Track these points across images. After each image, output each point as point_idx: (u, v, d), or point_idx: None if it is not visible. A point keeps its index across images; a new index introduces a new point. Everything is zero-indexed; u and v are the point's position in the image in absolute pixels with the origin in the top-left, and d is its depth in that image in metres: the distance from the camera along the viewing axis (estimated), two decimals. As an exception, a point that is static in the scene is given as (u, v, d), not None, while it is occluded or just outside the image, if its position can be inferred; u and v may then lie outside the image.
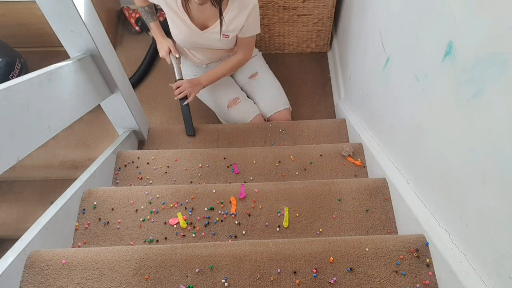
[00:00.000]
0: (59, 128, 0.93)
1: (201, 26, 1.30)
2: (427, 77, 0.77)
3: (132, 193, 1.03)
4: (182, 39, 1.36)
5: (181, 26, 1.30)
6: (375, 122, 1.18)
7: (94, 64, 1.08)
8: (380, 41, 1.06)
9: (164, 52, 1.47)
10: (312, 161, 1.24)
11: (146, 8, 1.42)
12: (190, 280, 0.77)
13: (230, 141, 1.47)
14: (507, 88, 0.52)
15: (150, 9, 1.44)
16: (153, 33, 1.50)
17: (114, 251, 0.81)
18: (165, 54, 1.48)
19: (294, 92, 1.88)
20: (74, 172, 1.74)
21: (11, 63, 1.68)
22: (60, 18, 0.94)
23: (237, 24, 1.28)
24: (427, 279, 0.77)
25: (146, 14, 1.45)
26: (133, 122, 1.35)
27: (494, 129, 0.56)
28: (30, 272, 0.77)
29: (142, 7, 1.42)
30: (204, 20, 1.29)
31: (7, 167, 0.75)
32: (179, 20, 1.28)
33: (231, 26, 1.28)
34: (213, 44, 1.38)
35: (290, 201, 1.01)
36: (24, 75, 0.82)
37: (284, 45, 2.00)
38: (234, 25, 1.29)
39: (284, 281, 0.77)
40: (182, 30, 1.31)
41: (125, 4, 2.18)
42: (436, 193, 0.79)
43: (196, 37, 1.33)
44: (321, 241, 0.83)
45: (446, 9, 0.67)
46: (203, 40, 1.34)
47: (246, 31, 1.33)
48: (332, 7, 1.76)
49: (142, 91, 1.96)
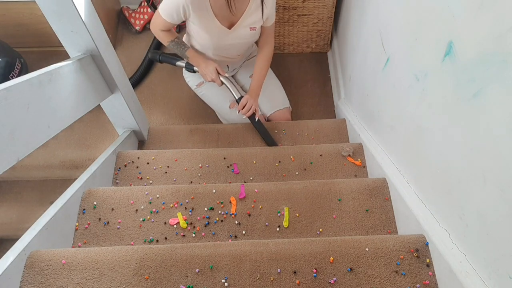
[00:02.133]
0: (59, 128, 0.93)
1: (228, 26, 1.30)
2: (427, 77, 0.77)
3: (132, 193, 1.03)
4: (212, 43, 1.33)
5: (211, 29, 1.28)
6: (375, 122, 1.18)
7: (94, 64, 1.08)
8: (380, 41, 1.06)
9: (213, 75, 1.37)
10: (312, 161, 1.24)
11: (175, 40, 1.38)
12: (190, 280, 0.77)
13: (230, 141, 1.47)
14: (507, 88, 0.52)
15: (178, 39, 1.39)
16: (192, 60, 1.40)
17: (114, 251, 0.81)
18: (215, 77, 1.37)
19: (294, 92, 1.88)
20: (74, 172, 1.74)
21: (11, 63, 1.68)
22: (60, 18, 0.94)
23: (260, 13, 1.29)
24: (427, 279, 0.77)
25: (178, 46, 1.39)
26: (133, 122, 1.35)
27: (494, 129, 0.56)
28: (30, 272, 0.77)
29: (172, 41, 1.37)
30: (229, 18, 1.28)
31: (7, 167, 0.75)
32: (210, 23, 1.26)
33: (256, 16, 1.30)
34: (240, 41, 1.37)
35: (290, 201, 1.01)
36: (24, 75, 0.82)
37: (284, 45, 2.00)
38: (258, 15, 1.30)
39: (284, 281, 0.77)
40: (213, 32, 1.29)
41: (125, 4, 2.18)
42: (436, 193, 0.79)
43: (225, 37, 1.32)
44: (321, 241, 0.83)
45: (446, 9, 0.67)
46: (231, 39, 1.33)
47: (270, 18, 1.35)
48: (332, 7, 1.76)
49: (142, 91, 1.96)
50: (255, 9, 1.28)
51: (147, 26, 2.14)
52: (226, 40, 1.33)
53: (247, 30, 1.32)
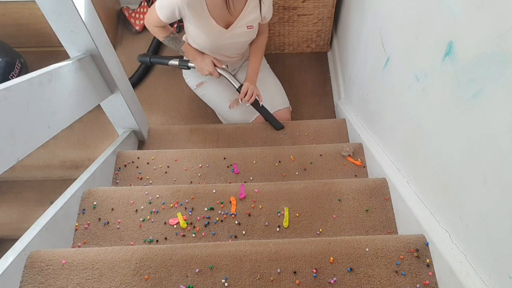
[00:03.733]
0: (59, 128, 0.93)
1: (225, 26, 1.30)
2: (427, 77, 0.77)
3: (132, 193, 1.03)
4: (209, 42, 1.32)
5: (208, 29, 1.28)
6: (375, 122, 1.18)
7: (94, 64, 1.08)
8: (380, 41, 1.06)
9: (210, 68, 1.39)
10: (312, 161, 1.24)
11: (170, 36, 1.38)
12: (190, 280, 0.77)
13: (230, 141, 1.47)
14: (507, 88, 0.52)
15: (173, 34, 1.39)
16: (188, 55, 1.43)
17: (114, 251, 0.81)
18: (212, 70, 1.39)
19: (294, 92, 1.88)
20: (74, 172, 1.74)
21: (11, 63, 1.68)
22: (60, 18, 0.94)
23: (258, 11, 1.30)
24: (427, 279, 0.77)
25: (173, 41, 1.39)
26: (133, 122, 1.35)
27: (494, 129, 0.56)
28: (30, 272, 0.77)
29: (167, 37, 1.37)
30: (226, 17, 1.28)
31: (7, 167, 0.75)
32: (206, 23, 1.26)
33: (254, 15, 1.30)
34: (238, 40, 1.37)
35: (290, 201, 1.01)
36: (24, 75, 0.82)
37: (284, 45, 2.00)
38: (256, 14, 1.30)
39: (284, 281, 0.77)
40: (210, 33, 1.29)
41: (125, 4, 2.18)
42: (436, 193, 0.79)
43: (222, 37, 1.31)
44: (321, 241, 0.83)
45: (446, 9, 0.67)
46: (228, 39, 1.33)
47: (267, 15, 1.35)
48: (332, 7, 1.76)
49: (142, 91, 1.96)
50: (252, 8, 1.28)
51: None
52: (223, 39, 1.33)
53: (245, 29, 1.32)
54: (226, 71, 1.41)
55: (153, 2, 2.09)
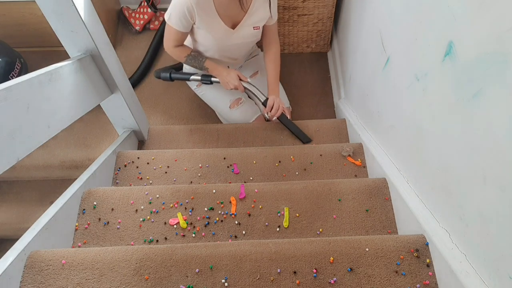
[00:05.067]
0: (59, 128, 0.93)
1: (231, 26, 1.31)
2: (427, 77, 0.77)
3: (132, 193, 1.03)
4: (216, 43, 1.33)
5: (216, 29, 1.28)
6: (375, 122, 1.18)
7: (94, 64, 1.08)
8: (380, 41, 1.06)
9: (236, 82, 1.38)
10: (312, 161, 1.24)
11: (191, 54, 1.38)
12: (190, 280, 0.77)
13: (230, 141, 1.47)
14: (507, 88, 0.52)
15: (194, 52, 1.39)
16: (213, 71, 1.41)
17: (114, 251, 0.81)
18: (238, 84, 1.38)
19: (294, 92, 1.88)
20: (74, 172, 1.74)
21: (11, 63, 1.68)
22: (60, 18, 0.94)
23: (264, 11, 1.31)
24: (427, 279, 0.77)
25: (195, 59, 1.39)
26: (133, 122, 1.35)
27: (494, 129, 0.56)
28: (30, 272, 0.77)
29: (188, 55, 1.38)
30: (233, 17, 1.29)
31: (7, 167, 0.75)
32: (214, 23, 1.27)
33: (260, 15, 1.31)
34: (244, 41, 1.38)
35: (290, 201, 1.01)
36: (24, 75, 0.82)
37: (284, 45, 2.00)
38: (262, 14, 1.31)
39: (284, 281, 0.77)
40: (218, 33, 1.29)
41: (125, 4, 2.18)
42: (436, 193, 0.79)
43: (229, 37, 1.32)
44: (321, 241, 0.83)
45: (446, 9, 0.67)
46: (234, 39, 1.34)
47: (274, 16, 1.36)
48: (332, 7, 1.76)
49: (142, 91, 1.96)
50: (258, 7, 1.29)
51: (147, 26, 2.14)
52: (230, 40, 1.34)
53: (251, 29, 1.33)
54: (251, 84, 1.40)
55: (153, 2, 2.09)
